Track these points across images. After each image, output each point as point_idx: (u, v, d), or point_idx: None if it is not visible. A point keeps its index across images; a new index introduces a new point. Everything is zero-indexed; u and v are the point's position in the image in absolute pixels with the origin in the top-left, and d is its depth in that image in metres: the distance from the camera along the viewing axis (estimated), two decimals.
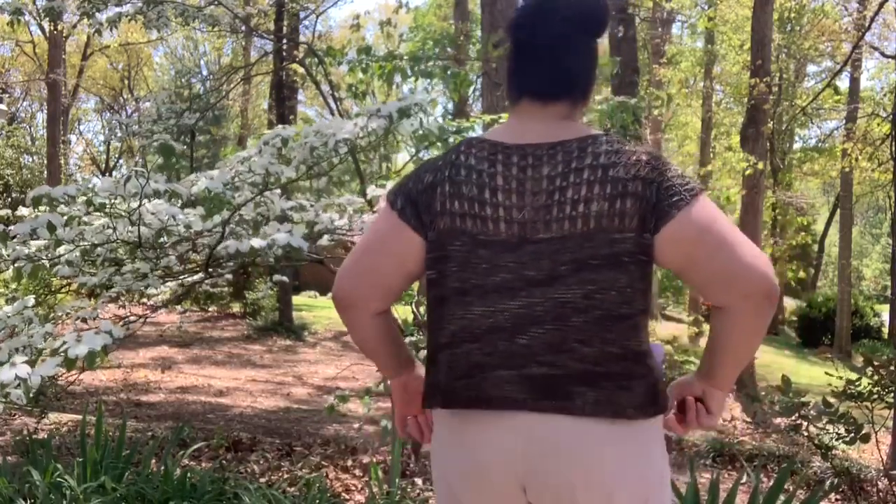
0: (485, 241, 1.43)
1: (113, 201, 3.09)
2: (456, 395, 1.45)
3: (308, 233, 3.95)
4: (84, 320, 3.41)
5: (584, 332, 1.39)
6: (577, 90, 1.51)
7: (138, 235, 3.16)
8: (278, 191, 3.82)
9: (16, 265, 3.09)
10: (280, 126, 3.68)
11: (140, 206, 3.04)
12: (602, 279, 1.39)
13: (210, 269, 3.70)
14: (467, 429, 1.45)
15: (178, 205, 3.29)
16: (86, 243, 3.18)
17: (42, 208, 3.06)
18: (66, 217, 3.02)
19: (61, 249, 3.23)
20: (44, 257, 3.17)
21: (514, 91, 1.54)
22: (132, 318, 3.76)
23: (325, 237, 4.24)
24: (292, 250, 3.20)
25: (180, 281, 3.74)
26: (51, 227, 2.90)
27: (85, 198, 2.97)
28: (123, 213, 3.07)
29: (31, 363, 2.82)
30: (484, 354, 1.43)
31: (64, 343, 2.72)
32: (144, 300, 4.11)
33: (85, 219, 3.12)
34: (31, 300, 3.29)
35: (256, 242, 3.18)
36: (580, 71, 1.51)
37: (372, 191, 3.71)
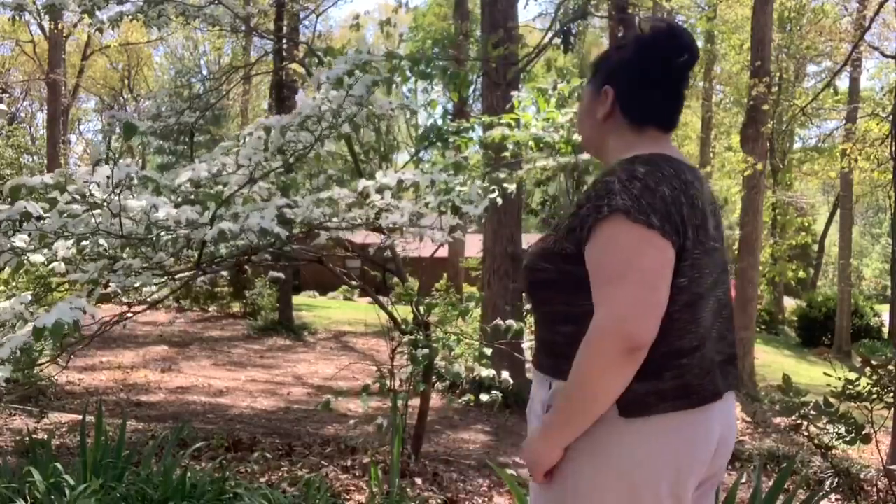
0: (708, 249, 1.60)
1: (91, 191, 2.97)
2: (703, 392, 1.58)
3: (300, 230, 3.90)
4: None
5: (729, 322, 1.71)
6: None
7: (120, 227, 3.04)
8: (263, 183, 3.75)
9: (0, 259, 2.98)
10: (263, 117, 3.57)
11: (113, 192, 2.86)
12: (727, 280, 1.70)
13: (203, 266, 3.65)
14: (700, 422, 1.58)
15: (171, 202, 3.23)
16: (69, 234, 3.07)
17: (43, 204, 3.00)
18: (41, 205, 2.91)
19: (58, 245, 3.17)
20: (31, 251, 3.07)
21: (642, 118, 1.70)
22: (128, 314, 3.73)
23: (323, 236, 4.22)
24: (268, 235, 3.09)
25: (173, 277, 3.69)
26: (26, 216, 2.79)
27: (58, 188, 2.84)
28: (102, 202, 2.93)
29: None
30: (714, 351, 1.62)
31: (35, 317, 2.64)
32: (140, 297, 4.08)
33: (75, 208, 3.00)
34: (27, 297, 3.26)
35: (225, 225, 3.04)
36: None
37: (363, 184, 3.67)
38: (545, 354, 1.66)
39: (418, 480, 4.35)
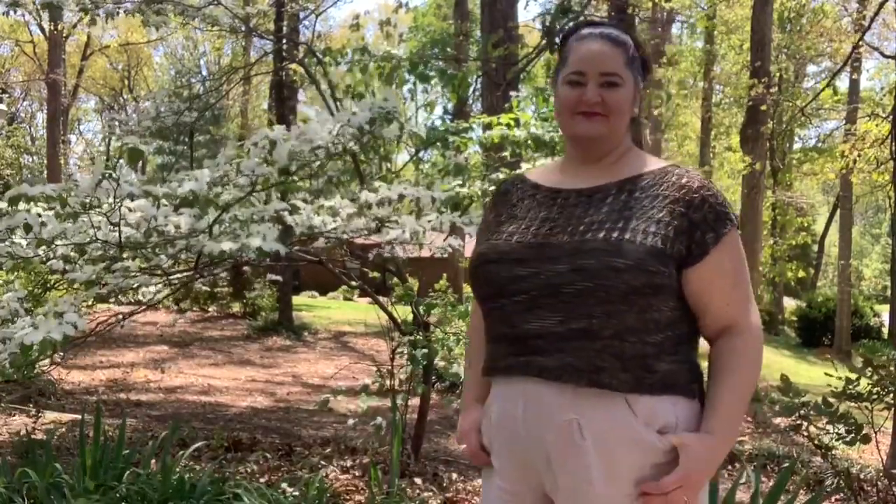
0: None
1: (88, 201, 2.99)
2: None
3: (299, 233, 3.91)
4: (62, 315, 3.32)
5: None
6: None
7: (118, 237, 3.08)
8: (263, 192, 3.76)
9: None
10: (268, 127, 3.61)
11: (116, 206, 2.91)
12: None
13: (201, 268, 3.66)
14: None
15: (171, 205, 3.24)
16: (69, 243, 3.09)
17: (41, 206, 3.01)
18: (41, 215, 2.93)
19: (59, 243, 3.17)
20: (29, 253, 3.09)
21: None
22: (123, 315, 3.74)
23: (322, 239, 4.22)
24: (261, 253, 3.14)
25: (169, 279, 3.69)
26: (27, 228, 2.81)
27: (60, 200, 2.86)
28: (102, 213, 2.97)
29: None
30: None
31: (21, 329, 2.63)
32: (139, 297, 4.08)
33: (75, 210, 3.03)
34: (22, 293, 3.25)
35: (226, 245, 3.10)
36: None
37: (365, 195, 3.67)
38: (621, 370, 1.43)
39: (418, 480, 4.35)
